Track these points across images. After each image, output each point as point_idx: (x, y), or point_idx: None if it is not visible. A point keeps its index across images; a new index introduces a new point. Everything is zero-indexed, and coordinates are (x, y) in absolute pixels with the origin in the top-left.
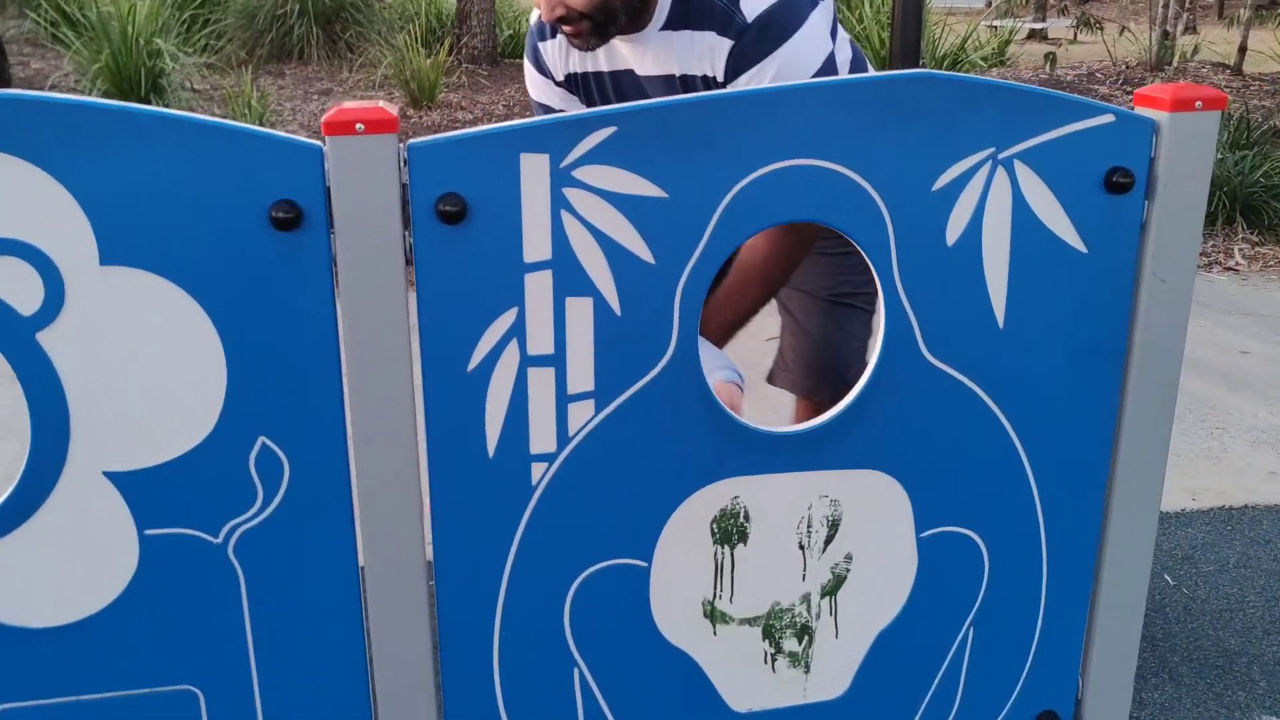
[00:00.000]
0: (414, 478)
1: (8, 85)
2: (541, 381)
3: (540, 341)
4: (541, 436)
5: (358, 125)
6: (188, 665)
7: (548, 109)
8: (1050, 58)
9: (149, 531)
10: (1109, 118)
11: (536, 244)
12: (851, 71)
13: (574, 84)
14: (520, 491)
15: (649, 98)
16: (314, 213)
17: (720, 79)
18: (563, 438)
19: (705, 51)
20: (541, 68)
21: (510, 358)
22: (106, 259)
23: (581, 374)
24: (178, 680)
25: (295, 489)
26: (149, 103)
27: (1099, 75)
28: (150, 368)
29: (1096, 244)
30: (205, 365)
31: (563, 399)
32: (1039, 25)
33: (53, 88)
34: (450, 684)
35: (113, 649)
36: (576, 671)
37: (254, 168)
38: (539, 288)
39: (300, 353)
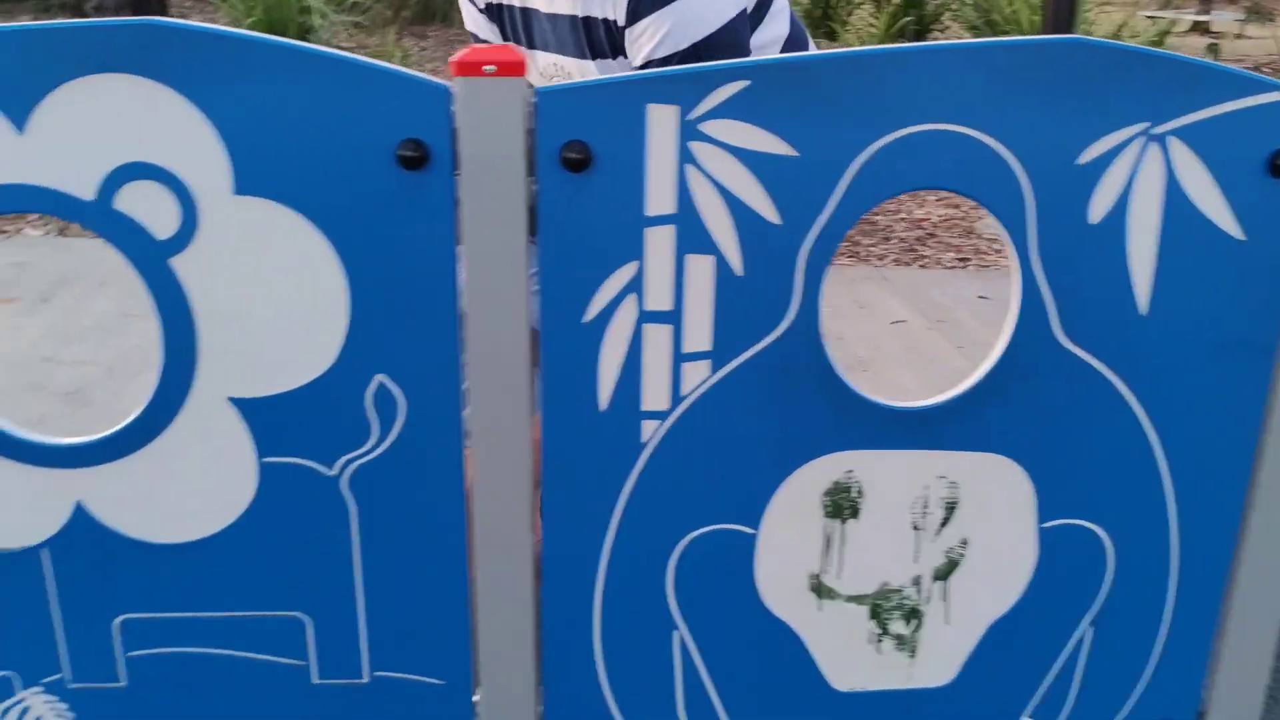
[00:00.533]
0: (525, 425)
1: None
2: (658, 338)
3: (659, 297)
4: (655, 394)
5: (487, 67)
6: (297, 592)
7: (478, 40)
8: (1213, 49)
9: (267, 459)
10: (1277, 95)
11: (660, 198)
12: (784, 51)
13: (492, 14)
14: (630, 448)
15: (552, 37)
16: (440, 153)
17: (621, 22)
18: (676, 396)
19: None
20: None
21: (627, 312)
22: (240, 188)
23: (699, 333)
24: (286, 606)
25: (410, 428)
26: None
27: (1265, 70)
28: (277, 299)
29: (1255, 232)
30: (329, 300)
31: (678, 357)
32: (1203, 17)
33: None
34: (550, 632)
35: (227, 570)
36: (676, 634)
37: (383, 105)
38: (660, 242)
39: (420, 293)
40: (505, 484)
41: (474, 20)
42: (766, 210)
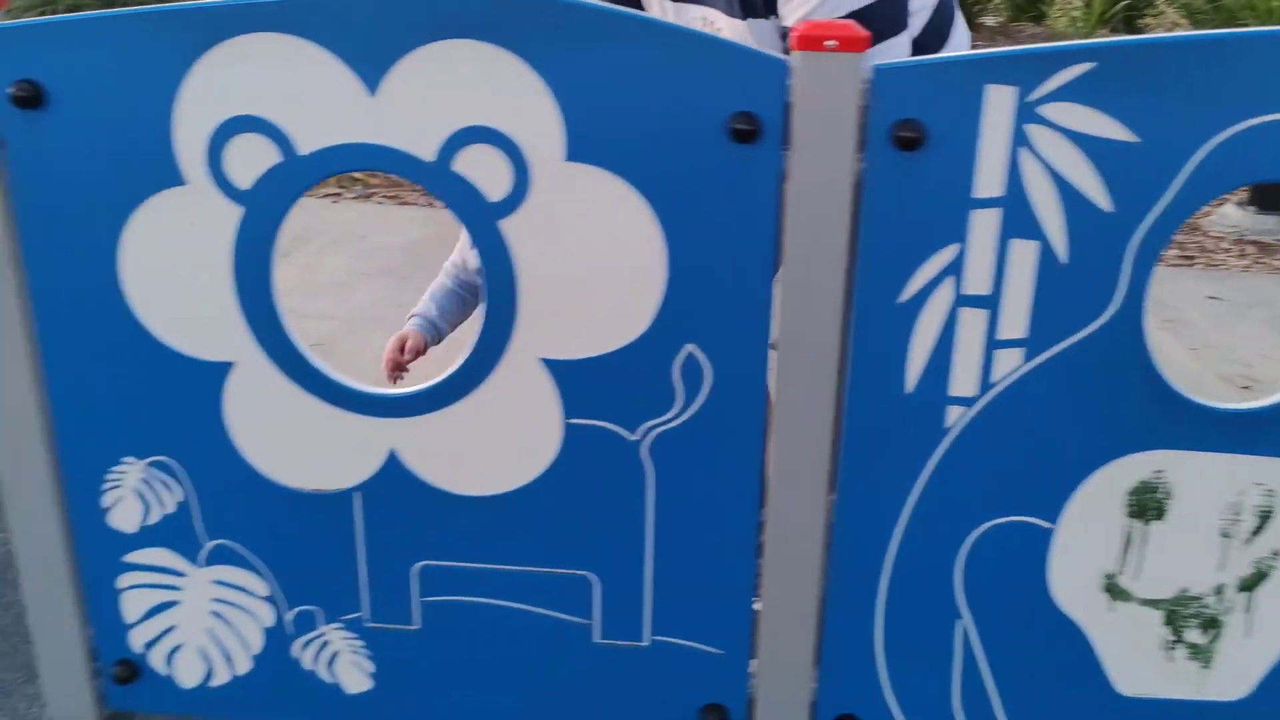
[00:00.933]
0: (829, 402)
1: None
2: (972, 323)
3: (977, 281)
4: (963, 379)
5: (828, 41)
6: (588, 552)
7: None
8: None
9: (573, 420)
10: None
11: (989, 179)
12: (933, 18)
13: None
14: (933, 432)
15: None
16: (771, 127)
17: None
18: (985, 383)
19: None
20: None
21: (944, 295)
22: (571, 154)
23: (1015, 320)
24: (577, 565)
25: (714, 399)
26: None
27: None
28: (597, 264)
29: None
30: (647, 267)
31: (991, 343)
32: None
33: None
34: (833, 611)
35: (524, 526)
36: (960, 624)
37: (720, 77)
38: (985, 225)
39: (737, 266)
40: (803, 463)
41: None
42: (1099, 197)
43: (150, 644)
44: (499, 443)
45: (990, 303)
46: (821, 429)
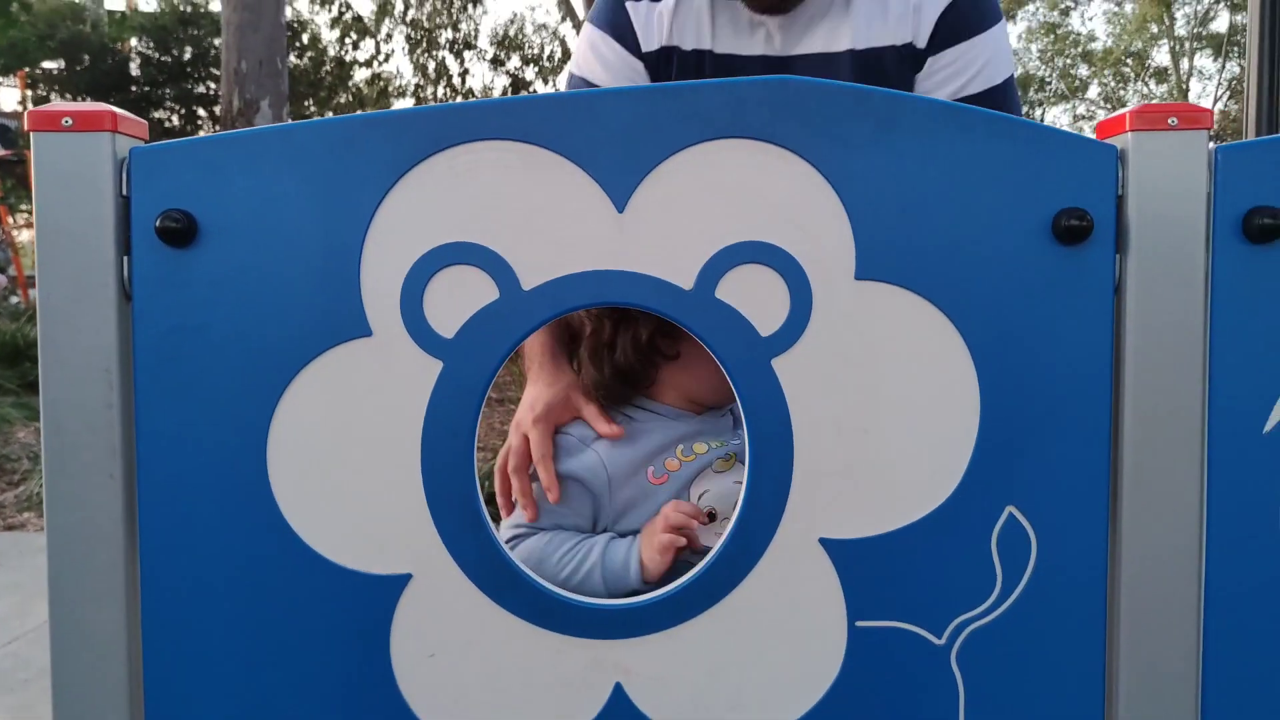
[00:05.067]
0: (1194, 569)
1: None
2: None
3: None
4: None
5: (1170, 119)
6: None
7: (587, 85)
8: None
9: (860, 623)
10: None
11: None
12: None
13: (663, 62)
14: None
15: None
16: (1103, 223)
17: (920, 44)
18: None
19: (907, 11)
20: (623, 34)
21: None
22: (863, 271)
23: None
24: None
25: (1041, 579)
26: None
27: None
28: (891, 408)
29: None
30: (956, 409)
31: None
32: None
33: None
34: None
35: None
36: None
37: (1042, 169)
38: None
39: (1066, 399)
40: (1165, 661)
41: (611, 66)
42: None
43: None
44: (762, 664)
45: None
46: (1187, 604)
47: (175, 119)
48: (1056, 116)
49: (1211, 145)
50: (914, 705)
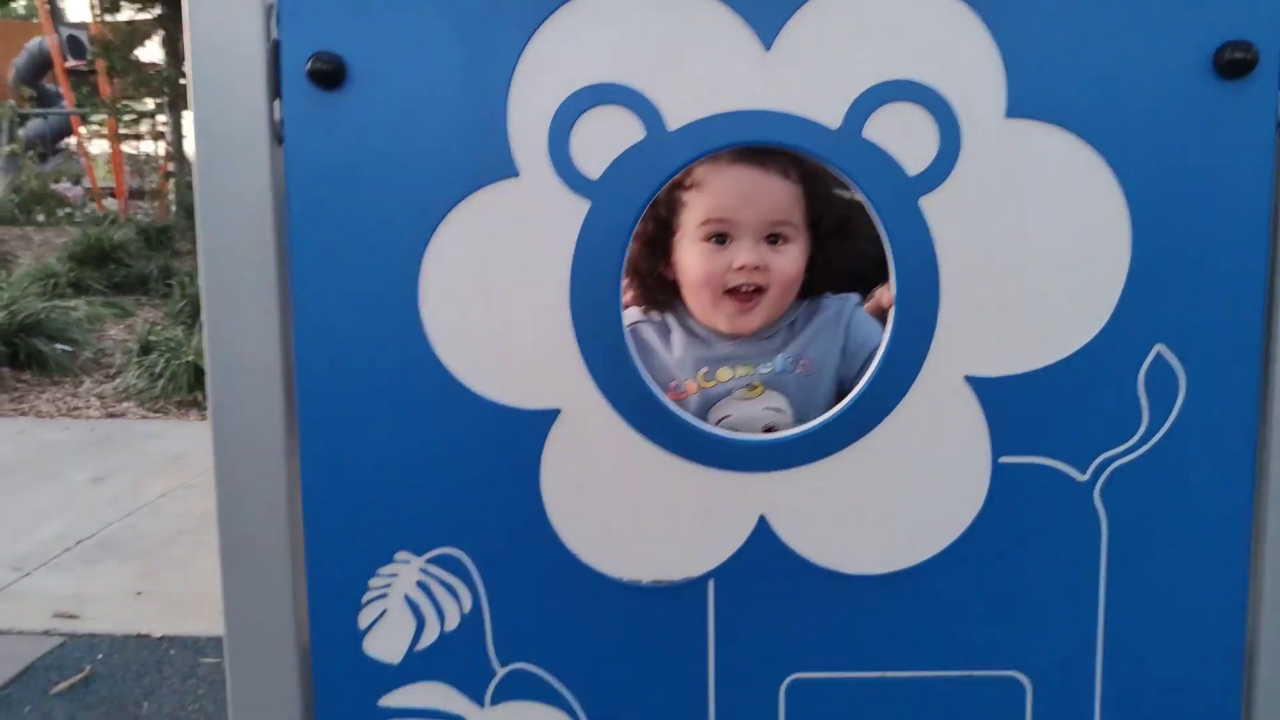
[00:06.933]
0: None
1: None
2: None
3: None
4: None
5: None
6: (1020, 643)
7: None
8: None
9: (1004, 459)
10: None
11: None
12: None
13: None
14: None
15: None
16: (1269, 58)
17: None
18: None
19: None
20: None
21: None
22: (1014, 109)
23: None
24: (1004, 664)
25: (1189, 419)
26: None
27: None
28: (1040, 247)
29: None
30: (1106, 248)
31: None
32: None
33: None
34: None
35: (934, 612)
36: None
37: (1200, 2)
38: None
39: (1220, 239)
40: None
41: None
42: None
43: None
44: (906, 497)
45: None
46: None
47: None
48: None
49: None
50: (1056, 541)
